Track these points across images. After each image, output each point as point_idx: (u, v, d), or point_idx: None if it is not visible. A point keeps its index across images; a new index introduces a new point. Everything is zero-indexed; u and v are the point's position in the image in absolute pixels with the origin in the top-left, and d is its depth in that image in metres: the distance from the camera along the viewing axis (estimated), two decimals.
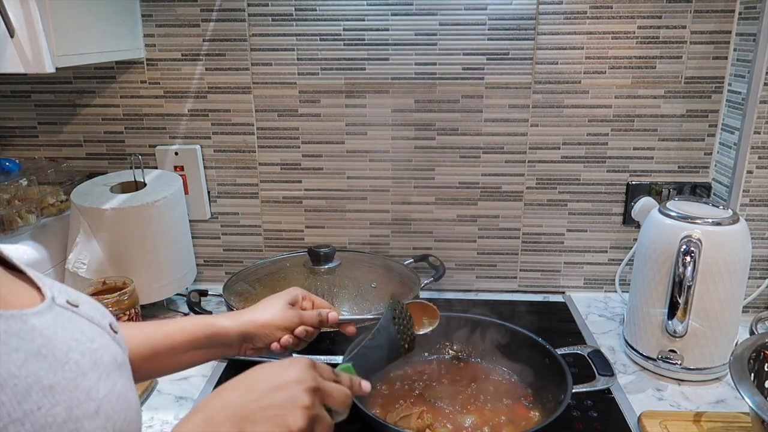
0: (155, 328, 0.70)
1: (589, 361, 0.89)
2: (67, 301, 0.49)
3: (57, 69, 0.87)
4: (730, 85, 1.12)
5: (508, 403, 0.86)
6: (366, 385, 0.62)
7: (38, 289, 0.48)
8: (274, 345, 0.74)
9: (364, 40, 1.15)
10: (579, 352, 0.91)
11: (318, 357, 0.90)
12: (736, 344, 0.86)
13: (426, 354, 0.97)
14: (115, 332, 0.53)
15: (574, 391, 0.79)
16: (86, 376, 0.43)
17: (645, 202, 1.17)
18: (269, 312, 0.74)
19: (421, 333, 0.78)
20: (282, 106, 1.20)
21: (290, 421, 0.50)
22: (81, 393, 0.41)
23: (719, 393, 0.94)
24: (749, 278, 0.95)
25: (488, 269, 1.28)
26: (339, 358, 0.87)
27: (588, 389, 0.82)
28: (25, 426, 0.35)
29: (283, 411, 0.51)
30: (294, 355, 0.80)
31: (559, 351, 0.88)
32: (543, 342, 0.90)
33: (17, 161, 1.18)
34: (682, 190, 1.20)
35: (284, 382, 0.53)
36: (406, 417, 0.82)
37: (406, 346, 0.72)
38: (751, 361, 0.77)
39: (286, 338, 0.73)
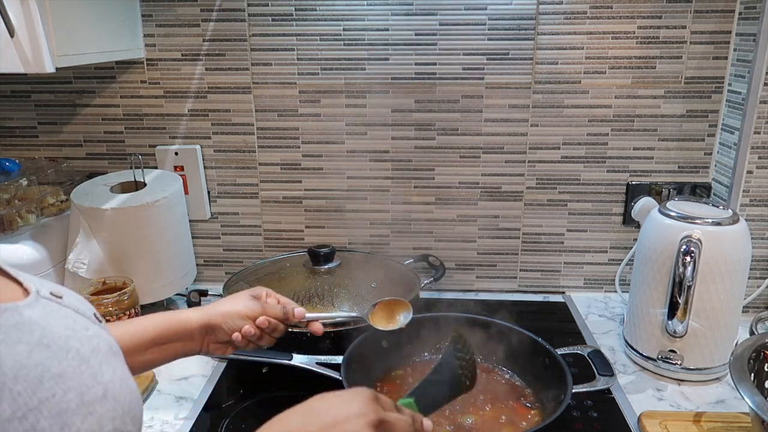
0: (116, 326, 0.70)
1: (589, 361, 0.89)
2: (51, 293, 0.49)
3: (57, 69, 0.87)
4: (730, 85, 1.12)
5: (508, 403, 0.86)
6: (428, 425, 0.59)
7: (19, 283, 0.48)
8: (236, 335, 0.73)
9: (364, 40, 1.15)
10: (579, 352, 0.91)
11: (318, 357, 0.90)
12: (736, 344, 0.86)
13: (426, 354, 0.97)
14: (100, 321, 0.54)
15: (574, 391, 0.79)
16: (89, 362, 0.44)
17: (645, 202, 1.17)
18: (231, 302, 0.75)
19: (397, 328, 0.80)
20: (282, 106, 1.20)
21: None
22: (88, 378, 0.42)
23: (719, 393, 0.94)
24: (749, 278, 0.95)
25: (488, 269, 1.28)
26: (339, 358, 0.87)
27: (588, 389, 0.82)
28: (43, 413, 0.36)
29: None
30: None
31: (559, 351, 0.88)
32: (543, 342, 0.90)
33: (17, 161, 1.18)
34: (682, 190, 1.20)
35: (346, 416, 0.52)
36: None
37: (467, 383, 0.68)
38: (751, 361, 0.77)
39: (248, 328, 0.73)
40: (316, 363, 0.89)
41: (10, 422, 0.34)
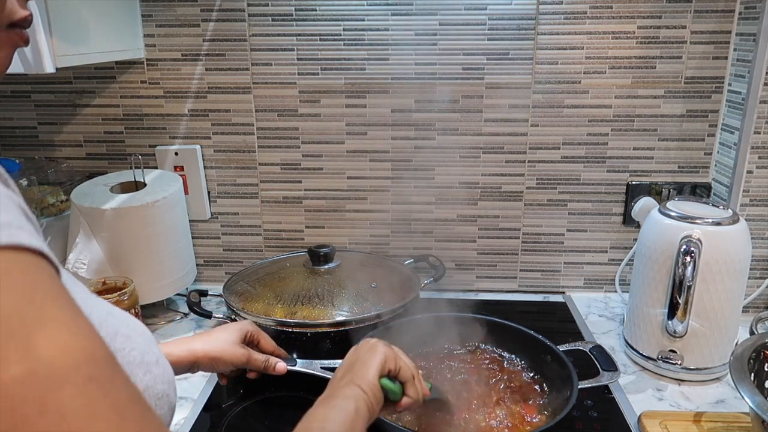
0: None
1: (592, 356, 0.89)
2: None
3: (57, 69, 0.87)
4: (730, 85, 1.12)
5: (511, 403, 0.85)
6: (425, 388, 0.71)
7: None
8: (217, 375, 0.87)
9: (364, 40, 1.15)
10: (581, 348, 0.92)
11: (321, 361, 0.90)
12: (736, 344, 0.86)
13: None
14: None
15: (579, 387, 0.79)
16: (144, 335, 0.50)
17: (645, 202, 1.17)
18: (221, 347, 0.81)
19: None
20: (282, 106, 1.20)
21: (373, 352, 0.65)
22: (145, 346, 0.48)
23: (719, 393, 0.94)
24: (749, 278, 0.95)
25: (488, 269, 1.28)
26: (338, 362, 0.86)
27: (593, 384, 0.82)
28: (117, 359, 0.43)
29: (363, 353, 0.66)
30: None
31: (561, 348, 0.89)
32: (544, 340, 0.90)
33: (17, 161, 1.18)
34: (682, 190, 1.20)
35: (357, 346, 0.68)
36: None
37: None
38: (751, 361, 0.77)
39: (230, 371, 0.85)
40: (321, 368, 0.88)
41: None
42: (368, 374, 0.63)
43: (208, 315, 1.05)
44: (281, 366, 0.85)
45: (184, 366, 0.78)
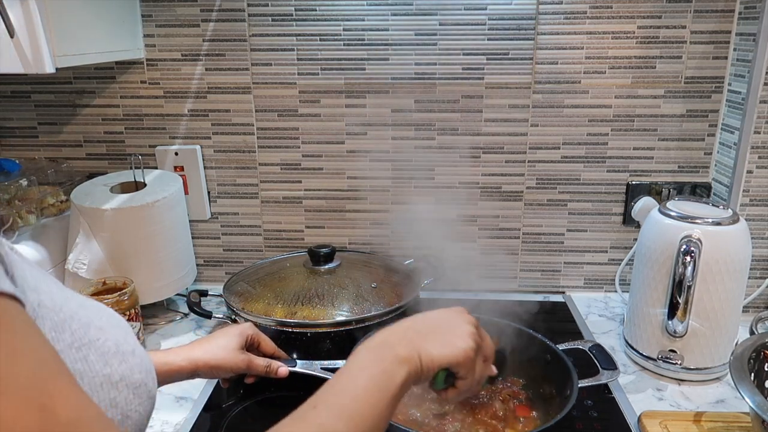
0: None
1: (591, 355, 0.89)
2: None
3: (57, 69, 0.87)
4: (730, 85, 1.12)
5: (510, 402, 0.85)
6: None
7: None
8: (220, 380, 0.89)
9: (364, 40, 1.15)
10: (580, 347, 0.92)
11: (321, 362, 0.90)
12: (736, 344, 0.86)
13: None
14: None
15: (579, 385, 0.79)
16: (120, 326, 0.50)
17: (645, 202, 1.17)
18: (221, 355, 0.81)
19: None
20: (282, 106, 1.20)
21: (459, 344, 0.61)
22: (121, 336, 0.48)
23: (719, 393, 0.94)
24: (749, 278, 0.95)
25: (488, 269, 1.28)
26: (341, 363, 0.86)
27: (593, 383, 0.82)
28: (91, 350, 0.44)
29: (452, 334, 0.61)
30: None
31: (560, 346, 0.89)
32: (544, 339, 0.90)
33: (17, 161, 1.18)
34: (682, 190, 1.20)
35: (449, 313, 0.65)
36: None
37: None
38: (751, 361, 0.77)
39: (230, 376, 0.85)
40: (321, 368, 0.89)
41: (69, 348, 0.42)
42: (435, 356, 0.57)
43: (208, 315, 1.05)
44: (283, 370, 0.85)
45: (185, 375, 0.78)
